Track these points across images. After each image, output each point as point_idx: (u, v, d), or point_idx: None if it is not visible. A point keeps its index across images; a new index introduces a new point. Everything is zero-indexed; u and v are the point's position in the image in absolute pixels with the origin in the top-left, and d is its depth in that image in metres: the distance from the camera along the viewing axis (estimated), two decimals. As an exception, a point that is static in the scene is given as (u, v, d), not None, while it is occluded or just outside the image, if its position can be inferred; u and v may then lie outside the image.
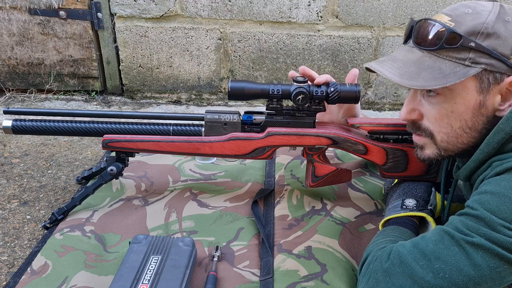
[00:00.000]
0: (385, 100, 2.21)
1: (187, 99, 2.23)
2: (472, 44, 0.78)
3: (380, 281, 0.80)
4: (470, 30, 0.79)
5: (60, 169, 1.52)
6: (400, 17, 2.04)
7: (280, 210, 1.21)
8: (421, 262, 0.76)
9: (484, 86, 0.80)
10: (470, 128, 0.84)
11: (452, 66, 0.80)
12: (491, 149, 0.79)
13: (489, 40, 0.78)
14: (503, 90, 0.80)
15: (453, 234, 0.75)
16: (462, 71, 0.79)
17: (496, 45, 0.78)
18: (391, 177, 1.17)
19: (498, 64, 0.78)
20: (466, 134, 0.85)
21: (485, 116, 0.82)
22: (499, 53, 0.78)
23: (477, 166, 0.83)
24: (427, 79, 0.81)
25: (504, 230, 0.71)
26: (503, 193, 0.73)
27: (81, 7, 2.03)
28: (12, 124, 1.18)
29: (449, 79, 0.79)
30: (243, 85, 1.09)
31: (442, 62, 0.81)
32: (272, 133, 1.14)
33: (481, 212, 0.74)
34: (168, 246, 1.00)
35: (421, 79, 0.82)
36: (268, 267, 1.02)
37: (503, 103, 0.81)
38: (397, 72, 0.84)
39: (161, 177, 1.37)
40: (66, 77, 2.17)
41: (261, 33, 2.08)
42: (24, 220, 1.26)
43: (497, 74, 0.79)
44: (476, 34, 0.78)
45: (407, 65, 0.84)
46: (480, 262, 0.72)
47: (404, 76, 0.83)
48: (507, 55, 0.78)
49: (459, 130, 0.84)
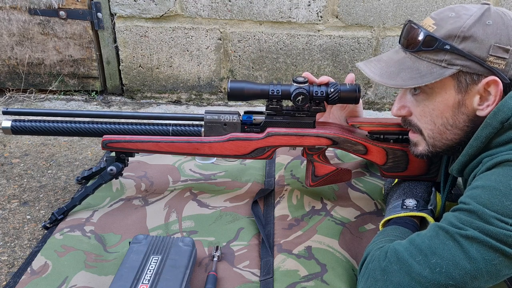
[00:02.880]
0: (385, 100, 2.21)
1: (187, 99, 2.23)
2: (447, 46, 0.83)
3: (378, 280, 0.81)
4: (447, 34, 0.84)
5: (60, 169, 1.52)
6: (400, 17, 2.04)
7: (280, 210, 1.21)
8: (417, 258, 0.77)
9: (462, 86, 0.85)
10: (451, 125, 0.89)
11: (430, 67, 0.86)
12: (479, 143, 0.82)
13: (465, 43, 0.82)
14: (481, 91, 0.84)
15: (447, 229, 0.77)
16: (438, 72, 0.84)
17: (472, 47, 0.82)
18: (391, 177, 1.17)
19: (474, 65, 0.82)
20: (448, 131, 0.90)
21: (466, 115, 0.87)
22: (475, 55, 0.82)
23: (467, 160, 0.86)
24: (405, 78, 0.87)
25: (496, 222, 0.73)
26: (493, 186, 0.75)
27: (81, 7, 2.03)
28: (12, 125, 1.18)
29: (425, 79, 0.85)
30: (243, 86, 1.09)
31: (420, 63, 0.87)
32: (272, 134, 1.14)
33: (473, 206, 0.76)
34: (168, 246, 1.00)
35: (399, 78, 0.88)
36: (268, 267, 1.02)
37: (482, 103, 0.85)
38: (379, 71, 0.91)
39: (161, 177, 1.37)
40: (66, 77, 2.17)
41: (261, 33, 2.08)
42: (24, 220, 1.26)
43: (474, 76, 0.83)
44: (453, 38, 0.83)
45: (389, 65, 0.91)
46: (475, 255, 0.73)
47: (384, 75, 0.90)
48: (483, 58, 0.82)
49: (442, 127, 0.90)
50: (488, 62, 0.82)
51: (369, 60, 0.96)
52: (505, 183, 0.74)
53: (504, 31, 0.82)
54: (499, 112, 0.79)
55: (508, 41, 0.82)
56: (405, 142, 1.14)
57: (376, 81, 0.90)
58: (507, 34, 0.82)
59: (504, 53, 0.81)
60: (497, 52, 0.81)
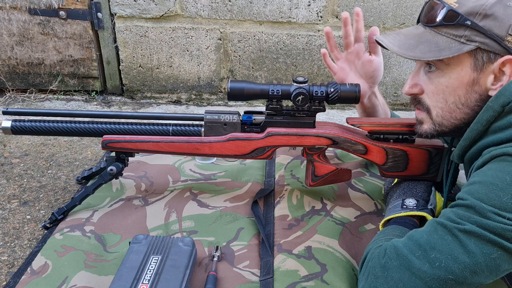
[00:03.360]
0: (385, 100, 2.21)
1: (187, 99, 2.23)
2: (468, 22, 0.84)
3: (378, 277, 0.81)
4: (469, 10, 0.84)
5: (60, 169, 1.52)
6: (400, 17, 2.04)
7: (280, 210, 1.21)
8: (417, 253, 0.78)
9: (478, 64, 0.85)
10: (463, 104, 0.89)
11: (449, 41, 0.87)
12: (480, 126, 0.83)
13: (486, 20, 0.83)
14: (496, 70, 0.84)
15: (445, 224, 0.77)
16: (457, 47, 0.85)
17: (492, 26, 0.83)
18: (391, 176, 1.17)
19: (493, 44, 0.83)
20: (459, 109, 0.90)
21: (478, 94, 0.87)
22: (494, 33, 0.83)
23: (468, 145, 0.86)
24: (424, 51, 0.88)
25: (494, 217, 0.73)
26: (490, 181, 0.76)
27: (81, 7, 2.03)
28: (12, 125, 1.18)
29: (443, 53, 0.86)
30: (243, 86, 1.09)
31: (440, 37, 0.88)
32: (272, 133, 1.14)
33: (471, 201, 0.76)
34: (168, 246, 1.00)
35: (417, 50, 0.89)
36: (268, 267, 1.02)
37: (496, 82, 0.85)
38: (398, 43, 0.92)
39: (161, 177, 1.37)
40: (66, 77, 2.17)
41: (261, 33, 2.08)
42: (24, 220, 1.26)
43: (491, 54, 0.84)
44: (474, 14, 0.84)
45: (408, 38, 0.92)
46: (473, 249, 0.74)
47: (403, 47, 0.91)
48: (502, 36, 0.82)
49: (453, 105, 0.90)
50: (506, 41, 0.83)
51: (388, 33, 0.96)
52: (502, 178, 0.75)
53: None
54: (501, 96, 0.80)
55: None
56: (405, 142, 1.14)
57: (394, 52, 0.91)
58: None
59: None
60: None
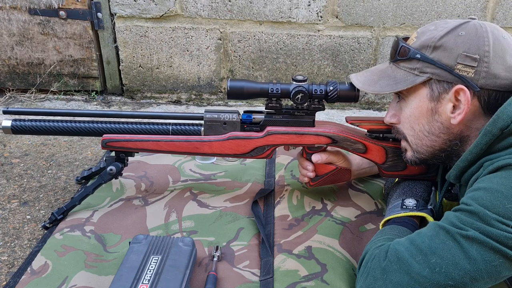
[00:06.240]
0: (385, 100, 2.21)
1: (187, 99, 2.23)
2: (418, 55, 0.89)
3: (378, 279, 0.81)
4: (422, 44, 0.89)
5: (60, 169, 1.52)
6: (400, 17, 2.04)
7: (280, 210, 1.21)
8: (417, 258, 0.78)
9: (434, 94, 0.89)
10: (428, 132, 0.93)
11: (405, 75, 0.92)
12: (479, 150, 0.83)
13: (436, 52, 0.87)
14: (452, 99, 0.87)
15: (448, 229, 0.77)
16: (411, 79, 0.91)
17: (441, 56, 0.86)
18: (390, 176, 1.17)
19: (444, 73, 0.86)
20: (426, 137, 0.94)
21: (439, 122, 0.90)
22: (444, 64, 0.86)
23: (466, 166, 0.87)
24: (383, 85, 0.94)
25: (497, 224, 0.73)
26: (495, 188, 0.76)
27: (81, 7, 2.03)
28: (12, 124, 1.18)
29: (399, 86, 0.92)
30: (242, 84, 1.09)
31: (398, 71, 0.94)
32: (271, 132, 1.14)
33: (475, 207, 0.76)
34: (168, 246, 1.00)
35: (378, 85, 0.95)
36: (268, 267, 1.02)
37: (455, 111, 0.88)
38: (363, 79, 0.99)
39: (161, 177, 1.37)
40: (66, 77, 2.17)
41: (261, 33, 2.08)
42: (24, 220, 1.26)
43: (445, 84, 0.87)
44: (425, 48, 0.89)
45: (373, 74, 0.98)
46: (475, 256, 0.74)
47: (366, 82, 0.98)
48: (451, 66, 0.86)
49: (420, 133, 0.95)
50: (457, 70, 0.85)
51: (360, 72, 1.03)
52: (508, 186, 0.75)
53: (474, 41, 0.84)
54: (499, 120, 0.80)
55: (477, 50, 0.84)
56: (405, 141, 1.14)
57: (359, 88, 0.98)
58: (477, 44, 0.84)
59: (472, 61, 0.84)
60: (465, 61, 0.84)
